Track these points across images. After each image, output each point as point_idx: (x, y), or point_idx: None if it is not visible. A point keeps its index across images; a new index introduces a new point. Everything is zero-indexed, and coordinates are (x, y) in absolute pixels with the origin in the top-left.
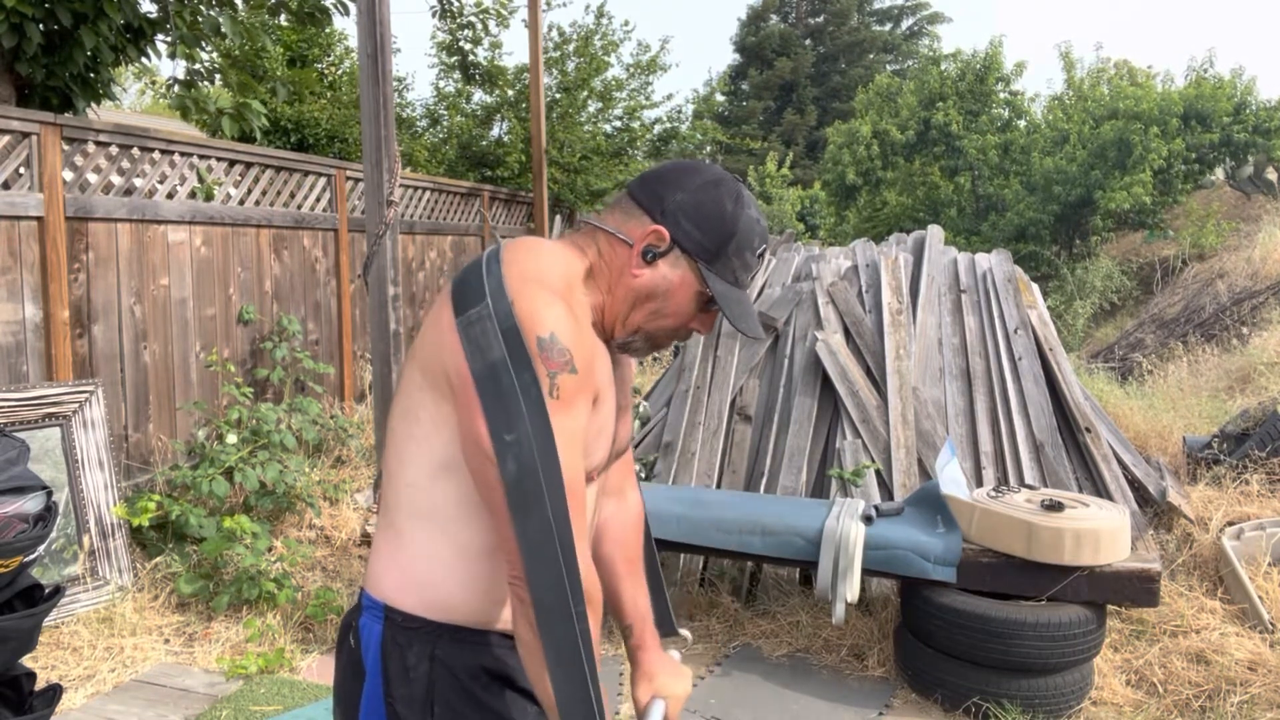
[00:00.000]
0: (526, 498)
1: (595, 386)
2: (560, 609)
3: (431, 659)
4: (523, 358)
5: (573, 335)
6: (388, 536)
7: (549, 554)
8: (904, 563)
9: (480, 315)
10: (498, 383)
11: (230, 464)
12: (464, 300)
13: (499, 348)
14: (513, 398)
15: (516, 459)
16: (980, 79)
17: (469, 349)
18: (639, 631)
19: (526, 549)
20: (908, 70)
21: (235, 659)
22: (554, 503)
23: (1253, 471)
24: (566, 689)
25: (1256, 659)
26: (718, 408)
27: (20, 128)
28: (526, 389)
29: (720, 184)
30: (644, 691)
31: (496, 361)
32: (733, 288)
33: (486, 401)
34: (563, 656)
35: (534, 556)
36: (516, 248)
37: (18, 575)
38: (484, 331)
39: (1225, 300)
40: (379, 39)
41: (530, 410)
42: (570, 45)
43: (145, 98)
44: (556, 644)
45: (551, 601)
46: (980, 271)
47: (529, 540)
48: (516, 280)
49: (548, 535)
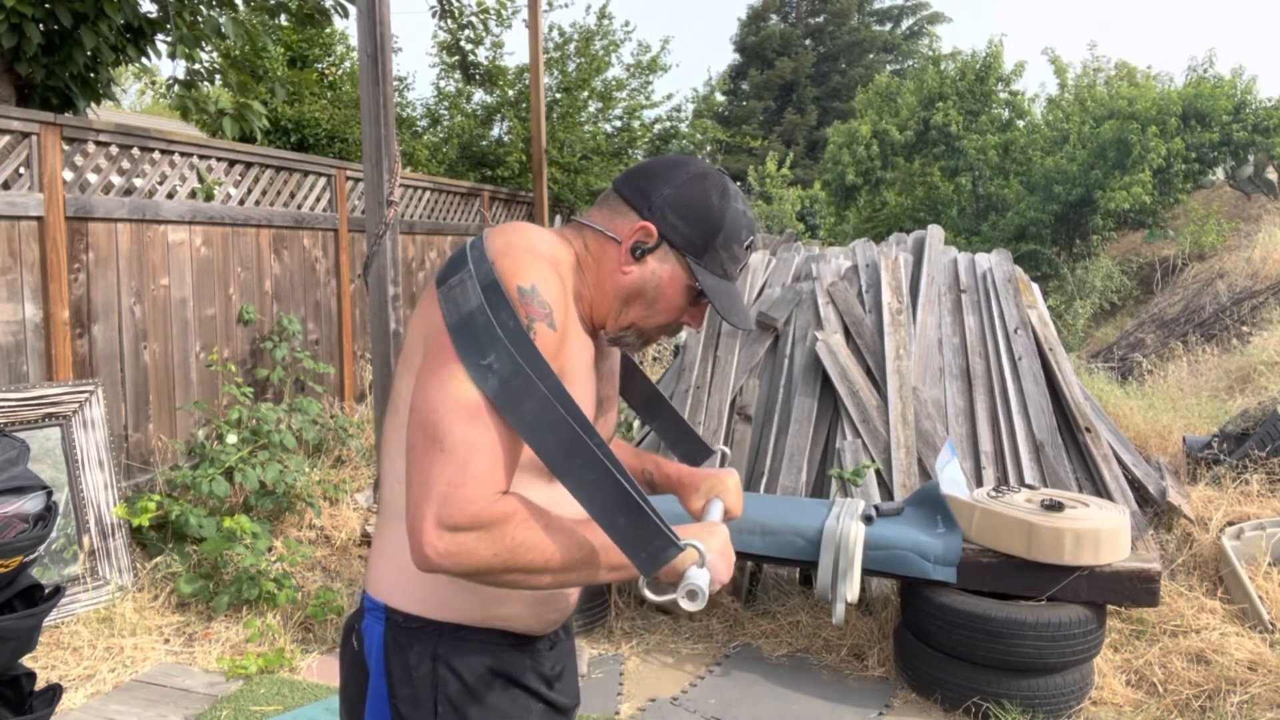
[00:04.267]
0: (517, 391)
1: (565, 359)
2: (577, 446)
3: (433, 658)
4: (501, 302)
5: (557, 295)
6: (386, 537)
7: (551, 415)
8: (904, 563)
9: (460, 279)
10: (472, 323)
11: (230, 464)
12: (446, 272)
13: (476, 297)
14: (488, 331)
15: (497, 373)
16: (980, 79)
17: (446, 307)
18: (657, 466)
19: (527, 431)
20: (907, 70)
21: (235, 659)
22: (549, 386)
23: (1253, 471)
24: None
25: (1256, 659)
26: (718, 408)
27: (20, 128)
28: (504, 324)
29: (706, 177)
30: (696, 499)
31: (474, 308)
32: (722, 280)
33: (460, 341)
34: (590, 479)
35: (536, 429)
36: (502, 228)
37: (18, 575)
38: (463, 291)
39: (1225, 300)
40: (379, 39)
41: (510, 339)
42: (571, 45)
43: (145, 98)
44: (581, 476)
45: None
46: (980, 271)
47: (526, 423)
48: (500, 246)
49: (546, 405)
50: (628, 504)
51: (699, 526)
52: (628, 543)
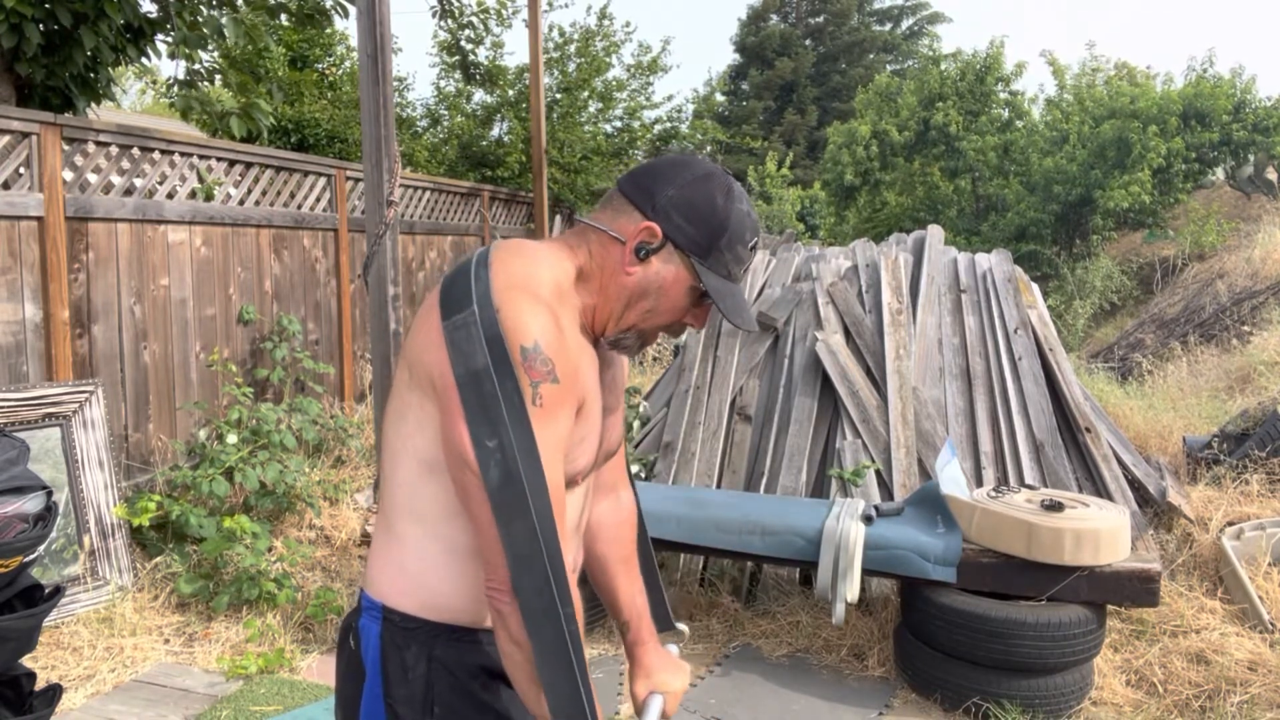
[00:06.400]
0: (510, 505)
1: (580, 395)
2: (549, 612)
3: (430, 659)
4: (506, 366)
5: (556, 345)
6: (384, 537)
7: (535, 561)
8: (904, 563)
9: (465, 321)
10: (480, 389)
11: (230, 464)
12: (450, 304)
13: (483, 355)
14: (495, 405)
15: (499, 465)
16: (980, 79)
17: (453, 354)
18: (636, 628)
19: (512, 556)
20: (907, 70)
21: (235, 659)
22: (539, 509)
23: (1253, 471)
24: (559, 690)
25: (1256, 659)
26: (718, 408)
27: (20, 128)
28: (509, 397)
29: (711, 178)
30: (642, 687)
31: (480, 369)
32: (726, 282)
33: (469, 407)
34: (553, 659)
35: (520, 563)
36: (506, 251)
37: (18, 575)
38: (468, 337)
39: (1225, 300)
40: (379, 39)
41: (512, 418)
42: (571, 45)
43: (145, 98)
44: (545, 647)
45: (539, 606)
46: (980, 271)
47: (514, 547)
48: (503, 287)
49: (533, 541)
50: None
51: None
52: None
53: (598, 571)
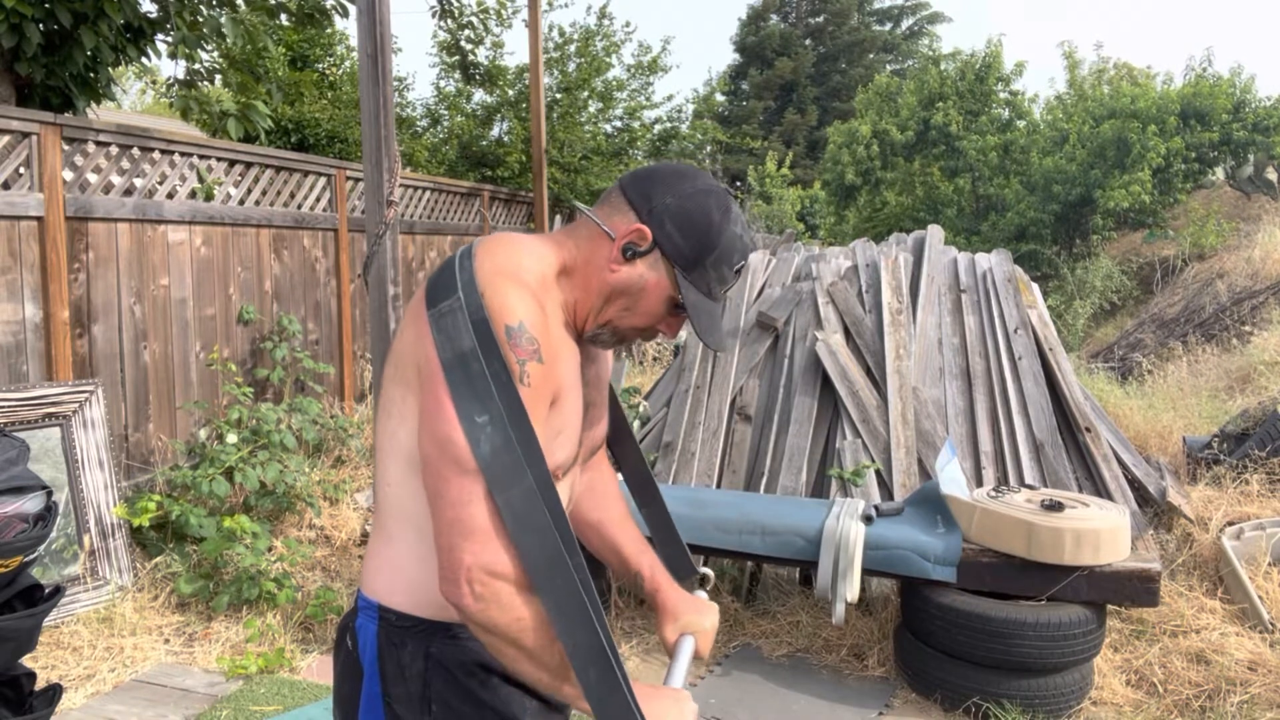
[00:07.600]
0: (506, 471)
1: (558, 382)
2: (559, 564)
3: (426, 657)
4: (492, 347)
5: (540, 326)
6: (379, 536)
7: (537, 519)
8: (904, 563)
9: (451, 307)
10: (467, 369)
11: (230, 464)
12: (436, 294)
13: (469, 338)
14: (483, 383)
15: (490, 439)
16: (980, 79)
17: (439, 338)
18: (650, 575)
19: (512, 519)
20: (907, 70)
21: (235, 659)
22: (535, 471)
23: (1253, 471)
24: (578, 640)
25: (1256, 659)
26: (718, 408)
27: (20, 128)
28: (497, 375)
29: (710, 194)
30: (671, 630)
31: (466, 350)
32: (705, 299)
33: (456, 387)
34: (567, 609)
35: (521, 524)
36: (491, 243)
37: (18, 575)
38: (454, 323)
39: (1225, 300)
40: (379, 39)
41: (502, 395)
42: (571, 45)
43: (145, 98)
44: (558, 598)
45: (546, 561)
46: (980, 271)
47: (513, 511)
48: (489, 273)
49: (532, 499)
50: (600, 659)
51: (668, 700)
52: (595, 702)
53: (596, 537)
